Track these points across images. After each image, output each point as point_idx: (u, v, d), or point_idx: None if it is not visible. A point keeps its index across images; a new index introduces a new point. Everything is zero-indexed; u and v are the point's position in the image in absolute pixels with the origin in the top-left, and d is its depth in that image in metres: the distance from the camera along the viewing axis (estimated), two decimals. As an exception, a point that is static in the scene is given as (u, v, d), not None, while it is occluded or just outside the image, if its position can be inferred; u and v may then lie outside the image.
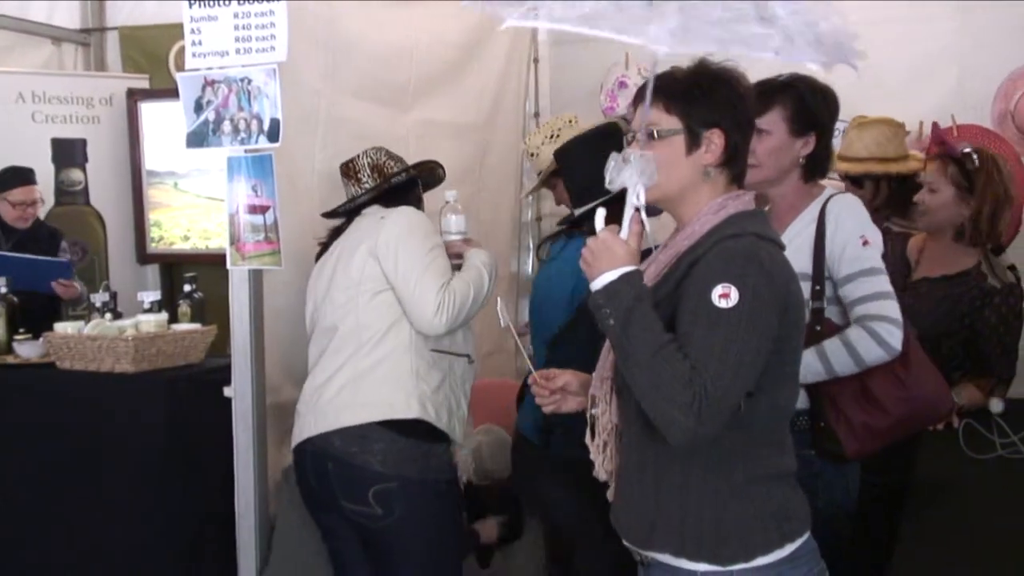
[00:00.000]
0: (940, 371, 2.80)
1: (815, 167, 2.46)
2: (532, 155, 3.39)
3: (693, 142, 1.86)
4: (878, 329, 2.27)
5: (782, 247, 1.88)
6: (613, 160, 1.85)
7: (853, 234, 2.33)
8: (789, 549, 1.79)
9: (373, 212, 2.86)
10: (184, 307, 3.52)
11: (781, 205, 2.46)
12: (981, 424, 2.62)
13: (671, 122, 1.86)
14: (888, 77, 3.82)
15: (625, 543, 1.92)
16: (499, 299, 2.25)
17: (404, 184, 2.94)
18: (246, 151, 2.82)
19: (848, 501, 2.41)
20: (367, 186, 2.90)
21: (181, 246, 4.33)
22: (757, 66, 1.88)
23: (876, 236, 2.37)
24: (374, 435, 2.65)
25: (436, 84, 3.82)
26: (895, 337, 2.26)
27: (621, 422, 1.93)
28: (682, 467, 1.81)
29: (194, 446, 3.09)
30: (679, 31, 1.67)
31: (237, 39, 2.78)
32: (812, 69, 1.84)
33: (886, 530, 2.18)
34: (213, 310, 3.48)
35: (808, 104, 2.41)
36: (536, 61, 4.79)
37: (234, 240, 2.84)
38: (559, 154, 2.98)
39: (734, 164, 1.90)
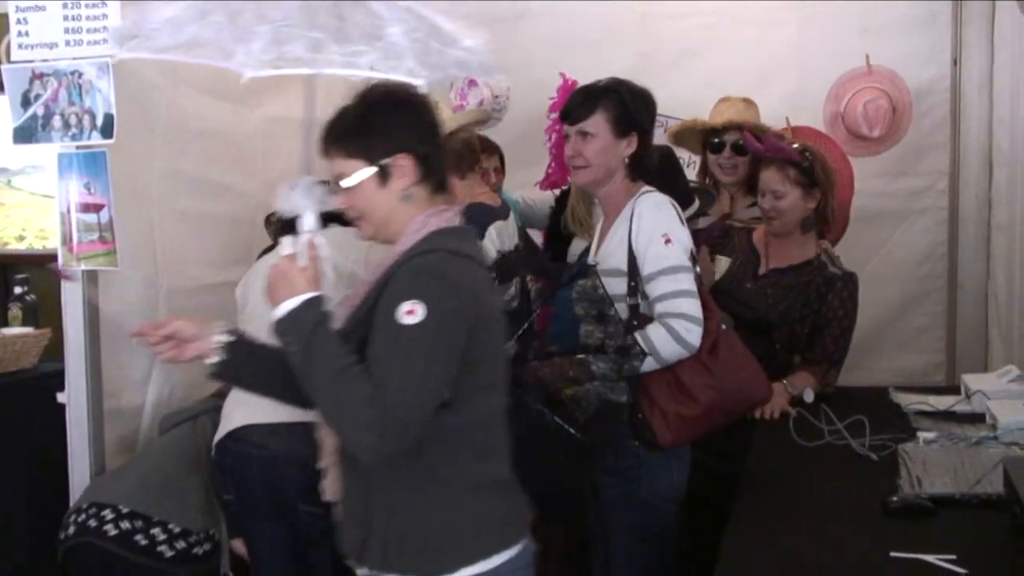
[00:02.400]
0: (778, 358, 2.96)
1: (639, 166, 2.55)
2: None
3: (383, 176, 1.84)
4: (676, 326, 2.34)
5: (480, 263, 1.89)
6: (286, 187, 1.82)
7: (655, 233, 2.41)
8: (496, 561, 1.80)
9: None
10: (15, 310, 3.38)
11: (608, 204, 2.56)
12: (810, 412, 2.75)
13: (355, 166, 1.84)
14: (736, 80, 3.92)
15: (347, 561, 1.91)
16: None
17: None
18: (78, 147, 2.72)
19: (672, 489, 2.48)
20: None
21: (16, 246, 4.15)
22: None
23: (679, 233, 2.44)
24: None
25: (285, 80, 3.71)
26: (693, 334, 2.34)
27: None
28: (389, 483, 1.81)
29: (27, 454, 3.00)
30: (264, 53, 1.70)
31: (67, 31, 2.69)
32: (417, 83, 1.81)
33: (716, 517, 2.24)
34: (52, 313, 3.33)
35: (628, 106, 2.51)
36: (390, 58, 4.76)
37: (66, 240, 2.75)
38: None
39: (431, 176, 1.89)
